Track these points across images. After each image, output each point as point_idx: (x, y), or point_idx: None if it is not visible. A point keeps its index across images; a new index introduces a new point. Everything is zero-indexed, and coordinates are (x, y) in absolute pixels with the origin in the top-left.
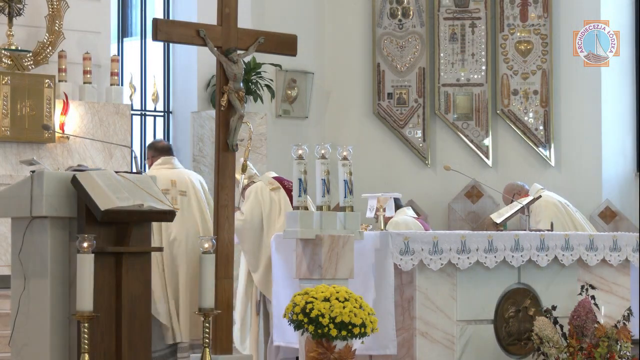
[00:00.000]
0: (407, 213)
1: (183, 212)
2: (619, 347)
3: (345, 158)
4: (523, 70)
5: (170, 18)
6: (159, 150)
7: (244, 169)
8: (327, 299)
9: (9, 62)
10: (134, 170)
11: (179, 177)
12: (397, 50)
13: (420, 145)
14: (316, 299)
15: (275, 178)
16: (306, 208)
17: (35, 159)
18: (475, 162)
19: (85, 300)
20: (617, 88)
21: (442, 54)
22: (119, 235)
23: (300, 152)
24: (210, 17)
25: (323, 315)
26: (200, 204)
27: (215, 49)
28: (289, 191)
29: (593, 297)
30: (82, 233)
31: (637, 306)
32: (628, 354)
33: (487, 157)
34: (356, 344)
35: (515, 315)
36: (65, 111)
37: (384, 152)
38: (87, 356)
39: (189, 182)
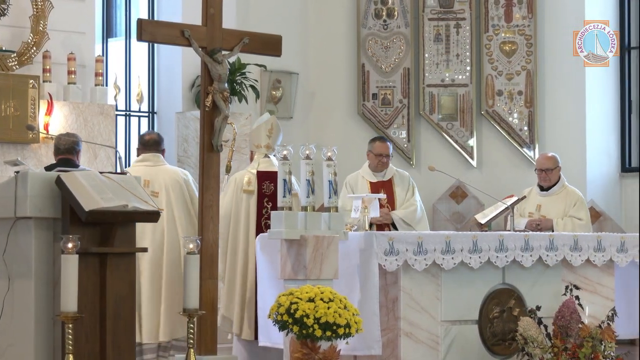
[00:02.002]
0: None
1: None
2: (603, 347)
3: (329, 159)
4: (508, 70)
5: (155, 18)
6: (144, 144)
7: (228, 169)
8: (311, 300)
9: None
10: (119, 170)
11: (156, 176)
12: (382, 50)
13: (405, 145)
14: (301, 299)
15: (262, 173)
16: (290, 208)
17: (19, 160)
18: (460, 163)
19: (70, 301)
20: (602, 88)
21: (426, 55)
22: (104, 235)
23: (284, 152)
24: (195, 17)
25: (308, 316)
26: (173, 207)
27: (200, 49)
28: (262, 197)
29: (577, 298)
30: (66, 234)
31: (636, 305)
32: (612, 354)
33: (472, 158)
34: (341, 344)
35: (500, 316)
36: (49, 111)
37: None
38: (71, 357)
39: (166, 183)
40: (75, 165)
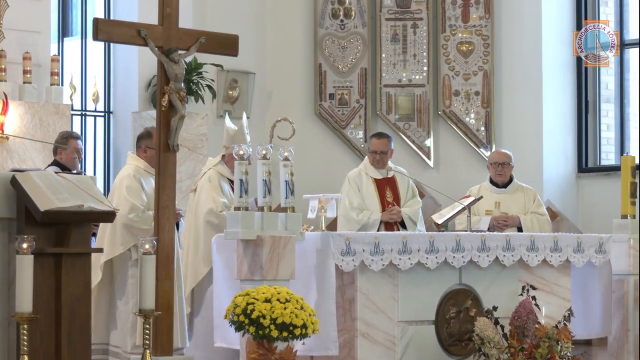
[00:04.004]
0: None
1: None
2: (559, 347)
3: (286, 159)
4: (464, 71)
5: (111, 18)
6: None
7: None
8: (268, 300)
9: None
10: (74, 170)
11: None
12: (339, 50)
13: (362, 145)
14: (257, 300)
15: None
16: (247, 209)
17: None
18: (417, 163)
19: (25, 302)
20: (559, 88)
21: (383, 55)
22: (59, 236)
23: (241, 152)
24: (151, 16)
25: (264, 316)
26: None
27: (156, 49)
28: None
29: (534, 298)
30: (21, 234)
31: (591, 306)
32: (569, 354)
33: (429, 158)
34: (297, 345)
35: (457, 316)
36: (4, 111)
37: (326, 153)
38: (26, 358)
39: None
40: (56, 164)
